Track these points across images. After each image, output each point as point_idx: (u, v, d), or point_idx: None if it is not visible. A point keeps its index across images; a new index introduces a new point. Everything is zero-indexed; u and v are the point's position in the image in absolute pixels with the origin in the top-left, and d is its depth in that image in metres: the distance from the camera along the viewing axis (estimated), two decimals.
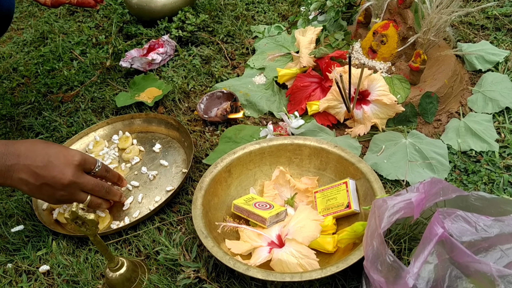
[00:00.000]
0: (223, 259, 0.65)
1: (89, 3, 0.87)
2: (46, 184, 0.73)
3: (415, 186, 0.60)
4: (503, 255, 0.58)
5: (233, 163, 0.81)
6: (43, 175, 0.72)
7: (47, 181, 0.73)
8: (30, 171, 0.72)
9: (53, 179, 0.73)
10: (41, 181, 0.72)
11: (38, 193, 0.75)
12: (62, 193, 0.74)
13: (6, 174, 0.71)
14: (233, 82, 1.08)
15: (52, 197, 0.75)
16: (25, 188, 0.73)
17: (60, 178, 0.73)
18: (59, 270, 0.76)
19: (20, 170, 0.72)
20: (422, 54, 0.88)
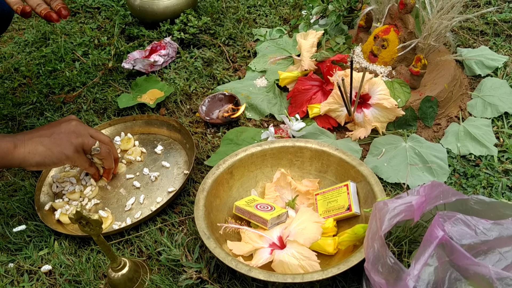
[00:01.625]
0: (225, 260, 0.65)
1: (51, 17, 0.87)
2: (58, 133, 0.79)
3: (416, 189, 0.61)
4: (501, 258, 0.59)
5: (235, 165, 0.82)
6: (53, 129, 0.79)
7: (57, 131, 0.79)
8: (39, 133, 0.78)
9: (62, 128, 0.80)
10: (52, 132, 0.79)
11: (55, 145, 0.78)
12: (74, 135, 0.80)
13: (19, 140, 0.76)
14: (235, 85, 1.08)
15: (68, 143, 0.79)
16: (41, 147, 0.77)
17: (68, 127, 0.80)
18: (61, 270, 0.77)
19: (31, 136, 0.78)
20: (423, 58, 0.89)
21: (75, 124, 0.82)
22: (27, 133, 0.79)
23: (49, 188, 0.91)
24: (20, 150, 0.76)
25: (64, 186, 0.90)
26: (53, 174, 0.93)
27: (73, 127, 0.81)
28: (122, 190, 0.89)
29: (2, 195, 0.91)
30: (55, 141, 0.78)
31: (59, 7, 0.87)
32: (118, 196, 0.88)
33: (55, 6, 0.87)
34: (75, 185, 0.90)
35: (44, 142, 0.78)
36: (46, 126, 0.81)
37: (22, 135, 0.78)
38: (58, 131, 0.79)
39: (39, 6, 0.87)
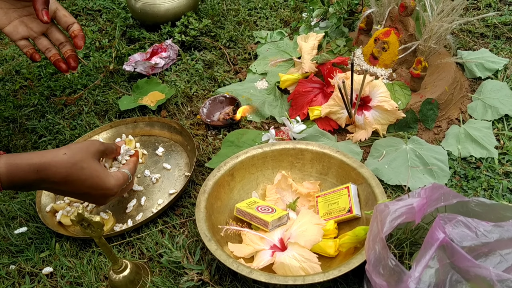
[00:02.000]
0: (226, 262, 0.66)
1: (60, 68, 0.86)
2: (80, 199, 0.77)
3: (417, 191, 0.61)
4: (502, 260, 0.59)
5: (236, 167, 0.82)
6: (78, 198, 0.75)
7: (80, 200, 0.78)
8: (65, 194, 0.73)
9: (86, 201, 0.77)
10: (75, 198, 0.76)
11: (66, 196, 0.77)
12: (104, 199, 0.76)
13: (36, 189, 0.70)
14: (236, 87, 1.09)
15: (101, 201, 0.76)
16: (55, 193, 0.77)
17: (96, 204, 0.77)
18: (62, 272, 0.77)
19: (56, 191, 0.73)
20: (423, 61, 0.89)
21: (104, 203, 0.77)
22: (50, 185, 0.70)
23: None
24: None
25: None
26: None
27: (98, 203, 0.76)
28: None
29: (3, 197, 0.91)
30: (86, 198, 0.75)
31: (68, 54, 0.86)
32: (119, 198, 0.88)
33: (64, 53, 0.87)
34: None
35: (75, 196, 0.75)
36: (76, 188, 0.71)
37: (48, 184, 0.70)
38: (78, 198, 0.76)
39: (48, 51, 0.87)
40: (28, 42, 0.87)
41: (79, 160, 0.70)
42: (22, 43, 0.87)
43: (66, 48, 0.87)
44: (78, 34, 0.85)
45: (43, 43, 0.87)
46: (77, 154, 0.70)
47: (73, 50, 0.87)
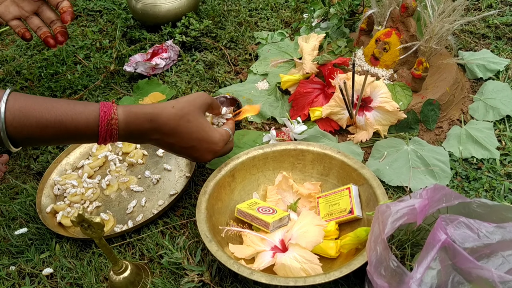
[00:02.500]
0: (227, 263, 0.65)
1: (48, 42, 0.89)
2: (186, 155, 0.77)
3: (419, 192, 0.61)
4: (504, 261, 0.59)
5: (236, 167, 0.82)
6: (185, 152, 0.76)
7: (187, 156, 0.77)
8: (173, 147, 0.75)
9: (192, 156, 0.77)
10: (181, 153, 0.77)
11: (174, 153, 0.78)
12: (211, 153, 0.77)
13: (147, 141, 0.73)
14: (236, 88, 1.08)
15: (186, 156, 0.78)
16: (163, 149, 0.77)
17: (201, 159, 0.78)
18: (63, 273, 0.77)
19: (164, 145, 0.75)
20: (424, 62, 0.89)
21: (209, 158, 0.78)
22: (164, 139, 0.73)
23: (51, 191, 0.91)
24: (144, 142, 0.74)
25: (66, 188, 0.90)
26: (55, 177, 0.93)
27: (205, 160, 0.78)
28: (124, 193, 0.89)
29: (3, 198, 0.91)
30: (177, 154, 0.77)
31: (57, 31, 0.89)
32: (120, 199, 0.88)
33: (54, 29, 0.89)
34: (77, 187, 0.90)
35: (170, 150, 0.76)
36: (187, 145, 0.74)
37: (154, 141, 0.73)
38: (185, 154, 0.76)
39: (39, 29, 0.89)
40: (20, 22, 0.89)
41: (186, 113, 0.72)
42: (14, 23, 0.88)
43: (56, 25, 0.89)
44: (66, 10, 0.87)
45: (34, 22, 0.89)
46: (184, 108, 0.72)
47: (63, 27, 0.88)
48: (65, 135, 0.66)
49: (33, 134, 0.64)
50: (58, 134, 0.65)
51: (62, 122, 0.65)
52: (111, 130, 0.68)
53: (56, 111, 0.65)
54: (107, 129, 0.67)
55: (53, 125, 0.64)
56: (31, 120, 0.63)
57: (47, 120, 0.64)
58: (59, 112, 0.65)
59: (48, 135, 0.65)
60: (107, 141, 0.69)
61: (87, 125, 0.67)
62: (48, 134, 0.65)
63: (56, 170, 0.94)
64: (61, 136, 0.66)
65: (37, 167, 0.97)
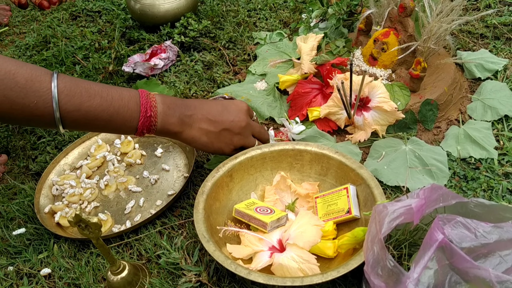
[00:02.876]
0: (224, 263, 0.65)
1: (42, 5, 0.95)
2: (225, 129, 0.79)
3: (416, 192, 0.61)
4: (502, 261, 0.59)
5: (234, 168, 0.82)
6: (222, 120, 0.78)
7: (226, 126, 0.79)
8: (209, 120, 0.77)
9: (231, 123, 0.79)
10: (220, 127, 0.78)
11: (217, 141, 0.79)
12: (238, 137, 0.80)
13: (187, 123, 0.76)
14: (235, 88, 1.08)
15: (230, 142, 0.80)
16: (204, 138, 0.78)
17: (238, 121, 0.79)
18: (61, 273, 0.77)
19: (200, 120, 0.77)
20: (422, 62, 0.89)
21: (245, 120, 0.80)
22: (198, 113, 0.77)
23: (49, 191, 0.91)
24: (185, 134, 0.77)
25: (64, 188, 0.90)
26: (53, 177, 0.93)
27: (242, 124, 0.80)
28: (122, 193, 0.89)
29: (2, 198, 0.91)
30: (219, 137, 0.79)
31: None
32: (118, 199, 0.88)
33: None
34: (75, 187, 0.90)
35: (209, 134, 0.78)
36: (218, 111, 0.79)
37: (191, 116, 0.77)
38: (226, 127, 0.79)
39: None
40: None
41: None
42: None
43: None
44: None
45: None
46: None
47: None
48: (110, 109, 0.70)
49: (81, 104, 0.68)
50: (104, 107, 0.69)
51: (109, 92, 0.70)
52: (150, 102, 0.73)
53: (101, 85, 0.72)
54: (147, 100, 0.73)
55: (100, 94, 0.69)
56: (81, 88, 0.68)
57: (94, 90, 0.69)
58: (105, 86, 0.72)
59: (95, 106, 0.69)
60: (148, 114, 0.73)
61: (129, 96, 0.72)
62: (95, 105, 0.69)
63: (55, 170, 0.94)
64: (106, 110, 0.70)
65: (35, 168, 0.97)
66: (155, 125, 0.74)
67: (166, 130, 0.75)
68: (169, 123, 0.75)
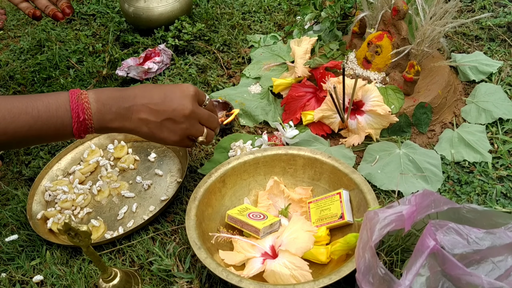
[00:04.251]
0: (216, 270, 0.65)
1: (56, 16, 0.95)
2: (167, 119, 0.73)
3: (407, 198, 0.61)
4: (494, 267, 0.58)
5: (227, 173, 0.81)
6: (163, 109, 0.72)
7: (168, 115, 0.73)
8: (149, 109, 0.72)
9: (174, 111, 0.72)
10: (162, 117, 0.72)
11: (159, 132, 0.74)
12: (183, 125, 0.74)
13: (125, 116, 0.71)
14: (229, 91, 1.08)
15: (174, 132, 0.74)
16: (145, 128, 0.73)
17: (181, 109, 0.73)
18: (53, 280, 0.76)
19: (139, 111, 0.72)
20: (416, 65, 0.89)
21: (190, 107, 0.74)
22: (137, 103, 0.72)
23: (42, 197, 0.90)
24: (125, 128, 0.72)
25: (57, 194, 0.90)
26: (46, 183, 0.92)
27: (186, 112, 0.73)
28: (115, 199, 0.89)
29: None
30: (161, 127, 0.74)
31: (63, 6, 0.96)
32: (111, 205, 0.88)
33: (60, 6, 0.96)
34: (68, 193, 0.89)
35: (150, 125, 0.73)
36: (159, 99, 0.73)
37: (130, 108, 0.71)
38: (169, 116, 0.73)
39: (47, 8, 0.96)
40: (28, 4, 0.97)
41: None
42: (24, 5, 0.97)
43: (61, 2, 0.96)
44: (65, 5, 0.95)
45: (41, 2, 0.95)
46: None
47: (68, 2, 0.96)
48: (38, 123, 0.65)
49: (6, 128, 0.64)
50: (31, 123, 0.65)
51: (34, 106, 0.65)
52: (82, 104, 0.68)
53: (26, 98, 0.66)
54: (78, 104, 0.67)
55: (25, 110, 0.65)
56: (2, 110, 0.64)
57: (18, 108, 0.64)
58: (30, 98, 0.66)
59: (21, 126, 0.65)
60: (80, 118, 0.68)
61: (57, 104, 0.67)
62: (21, 125, 0.65)
63: (47, 175, 0.94)
64: (34, 126, 0.65)
65: (28, 173, 0.96)
66: (91, 126, 0.69)
67: (105, 127, 0.71)
68: (106, 120, 0.70)
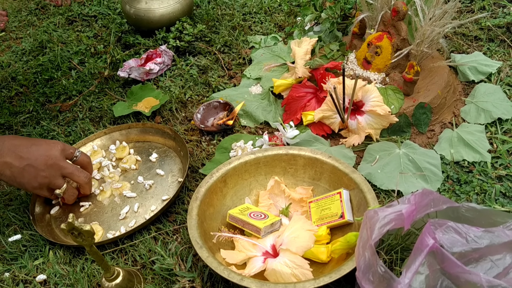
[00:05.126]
0: (217, 269, 0.66)
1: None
2: (30, 165, 0.77)
3: (407, 197, 0.61)
4: (493, 265, 0.59)
5: (228, 173, 0.82)
6: (27, 156, 0.77)
7: (31, 162, 0.77)
8: (15, 154, 0.76)
9: (36, 160, 0.77)
10: (25, 162, 0.77)
11: (20, 177, 0.78)
12: (43, 174, 0.79)
13: None
14: (230, 92, 1.09)
15: (33, 179, 0.78)
16: (8, 172, 0.77)
17: (44, 158, 0.78)
18: (56, 279, 0.77)
19: (5, 154, 0.76)
20: (416, 65, 0.89)
21: (53, 158, 0.79)
22: (5, 147, 0.76)
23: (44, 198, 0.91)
24: None
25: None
26: None
27: (48, 162, 0.78)
28: (117, 199, 0.89)
29: None
30: (22, 172, 0.78)
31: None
32: (113, 205, 0.88)
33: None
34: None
35: (12, 168, 0.77)
36: (26, 146, 0.78)
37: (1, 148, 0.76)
38: (31, 162, 0.77)
39: None
40: None
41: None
42: None
43: None
44: None
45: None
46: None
47: None
48: None
49: None
50: None
51: None
52: None
53: None
54: None
55: None
56: None
57: None
58: None
59: None
60: None
61: None
62: None
63: None
64: None
65: None
66: None
67: None
68: None
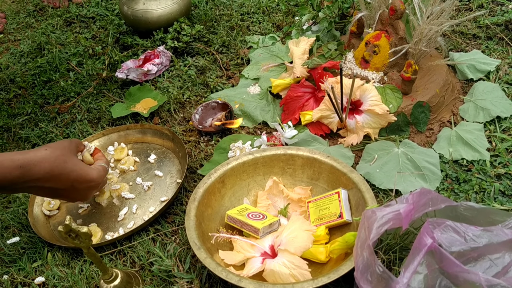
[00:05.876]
0: (215, 270, 0.65)
1: None
2: (65, 197, 0.77)
3: (405, 197, 0.61)
4: (492, 264, 0.59)
5: (226, 173, 0.82)
6: (65, 195, 0.77)
7: (67, 200, 0.80)
8: (52, 191, 0.74)
9: (73, 199, 0.79)
10: (61, 196, 0.77)
11: (55, 198, 0.78)
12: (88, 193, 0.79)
13: (21, 190, 0.72)
14: (228, 92, 1.09)
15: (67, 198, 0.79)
16: (43, 195, 0.77)
17: (80, 199, 0.79)
18: (54, 281, 0.77)
19: (41, 190, 0.74)
20: (414, 64, 0.89)
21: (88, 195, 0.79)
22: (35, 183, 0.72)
23: (43, 199, 0.91)
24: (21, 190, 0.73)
25: None
26: None
27: (84, 199, 0.79)
28: (115, 200, 0.89)
29: None
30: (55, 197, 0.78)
31: None
32: (111, 206, 0.88)
33: None
34: None
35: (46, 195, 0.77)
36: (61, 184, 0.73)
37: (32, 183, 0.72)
38: (66, 198, 0.79)
39: None
40: None
41: (60, 154, 0.72)
42: None
43: None
44: None
45: None
46: (57, 149, 0.72)
47: None
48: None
49: None
50: None
51: None
52: None
53: None
54: None
55: None
56: None
57: None
58: None
59: None
60: None
61: None
62: None
63: None
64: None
65: None
66: None
67: None
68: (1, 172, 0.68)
